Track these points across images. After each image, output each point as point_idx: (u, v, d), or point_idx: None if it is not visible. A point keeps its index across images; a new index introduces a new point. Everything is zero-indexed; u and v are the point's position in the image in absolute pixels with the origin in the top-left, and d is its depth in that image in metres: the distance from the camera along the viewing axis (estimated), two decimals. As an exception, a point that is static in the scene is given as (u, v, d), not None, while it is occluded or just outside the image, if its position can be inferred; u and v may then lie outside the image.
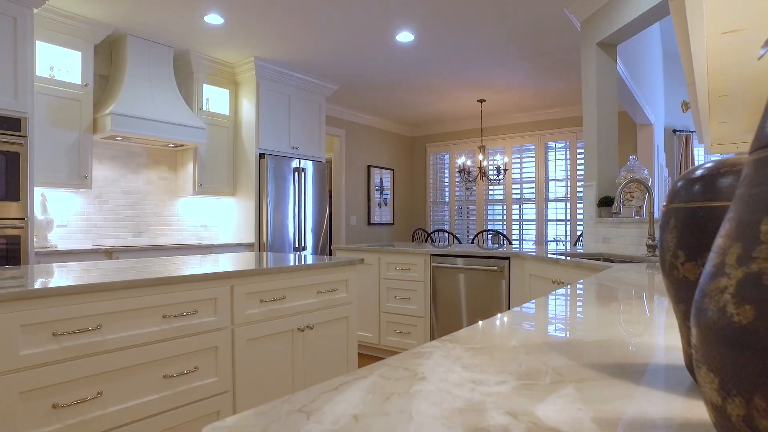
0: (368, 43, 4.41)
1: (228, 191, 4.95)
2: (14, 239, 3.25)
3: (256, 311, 2.08)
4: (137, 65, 4.21)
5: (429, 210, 8.27)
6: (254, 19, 3.91)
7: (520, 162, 7.34)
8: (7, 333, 1.40)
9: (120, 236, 4.41)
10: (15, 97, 3.28)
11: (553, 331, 0.82)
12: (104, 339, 1.60)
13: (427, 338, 3.60)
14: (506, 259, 3.26)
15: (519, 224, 7.33)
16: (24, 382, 1.43)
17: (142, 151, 4.59)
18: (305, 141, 5.37)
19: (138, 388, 1.69)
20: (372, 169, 7.53)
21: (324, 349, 2.44)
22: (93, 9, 3.70)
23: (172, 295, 1.78)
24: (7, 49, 3.25)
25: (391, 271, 3.78)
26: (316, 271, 2.38)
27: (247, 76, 4.91)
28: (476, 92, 6.06)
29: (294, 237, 5.06)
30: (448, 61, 4.92)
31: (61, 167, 3.77)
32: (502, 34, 4.19)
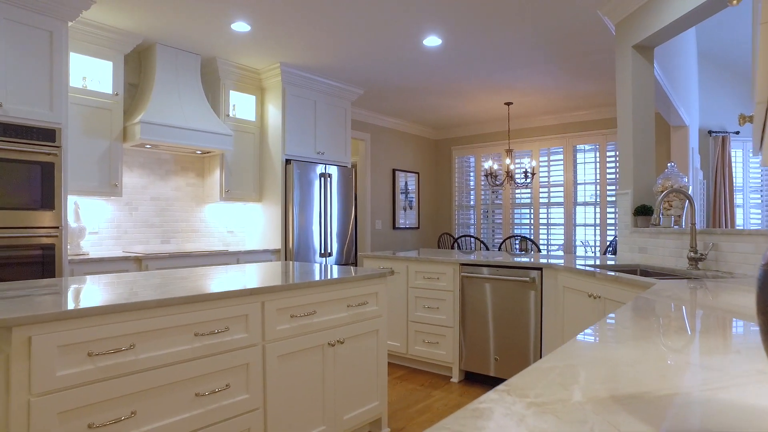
0: (395, 47, 4.37)
1: (254, 197, 4.97)
2: (49, 248, 3.31)
3: (287, 327, 2.06)
4: (166, 73, 4.25)
5: (454, 214, 8.18)
6: (280, 26, 3.90)
7: (547, 165, 7.20)
8: (45, 354, 1.40)
9: (149, 242, 4.46)
10: (50, 109, 3.33)
11: (616, 380, 0.76)
12: (137, 358, 1.59)
13: (455, 349, 3.54)
14: (538, 270, 3.17)
15: (546, 228, 7.19)
16: (61, 402, 1.43)
17: (170, 158, 4.63)
18: (331, 146, 5.35)
19: (171, 407, 1.68)
20: (397, 172, 7.48)
21: (354, 363, 2.40)
22: (124, 19, 3.75)
23: (204, 312, 1.77)
24: (44, 62, 3.31)
25: (419, 279, 3.72)
26: (346, 285, 2.34)
27: (273, 82, 4.92)
28: (503, 95, 5.95)
29: (320, 243, 5.05)
30: (476, 65, 4.84)
31: (93, 176, 3.83)
32: (530, 36, 4.09)
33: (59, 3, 3.32)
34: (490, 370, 3.38)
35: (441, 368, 3.72)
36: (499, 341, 3.34)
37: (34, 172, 3.24)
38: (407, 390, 3.39)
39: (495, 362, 3.35)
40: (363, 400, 2.47)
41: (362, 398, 2.46)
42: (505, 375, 3.32)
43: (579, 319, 2.70)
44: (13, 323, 1.34)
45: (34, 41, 3.28)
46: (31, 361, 1.38)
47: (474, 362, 3.47)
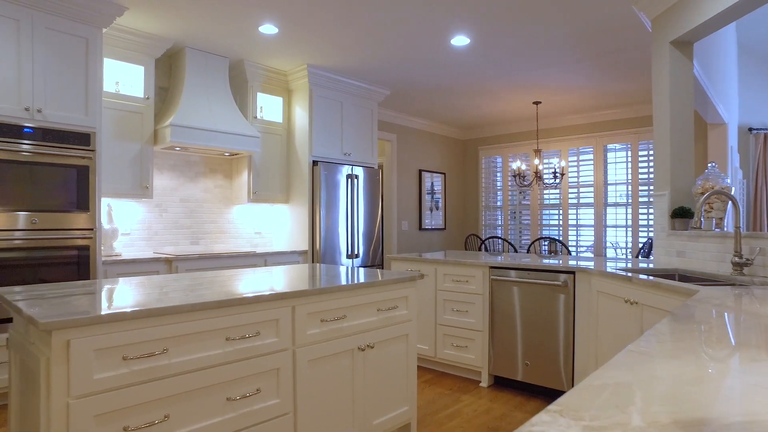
0: (422, 48, 4.33)
1: (282, 198, 4.99)
2: (84, 249, 3.38)
3: (317, 331, 2.05)
4: (195, 76, 4.30)
5: (481, 215, 8.09)
6: (308, 28, 3.91)
7: (576, 165, 7.05)
8: (83, 358, 1.41)
9: (179, 243, 4.53)
10: (85, 114, 3.41)
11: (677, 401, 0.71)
12: (170, 363, 1.60)
13: (485, 353, 3.48)
14: (571, 274, 3.09)
15: (575, 230, 7.04)
16: (98, 405, 1.45)
17: (199, 160, 4.69)
18: (357, 147, 5.35)
19: (203, 411, 1.68)
20: (423, 173, 7.43)
21: (384, 368, 2.38)
22: (155, 24, 3.81)
23: (236, 317, 1.77)
24: (80, 68, 3.39)
25: (447, 282, 3.68)
26: (376, 289, 2.32)
27: (300, 84, 4.94)
28: (532, 94, 5.85)
29: (346, 244, 5.05)
30: (504, 64, 4.76)
31: (125, 178, 3.90)
32: (561, 35, 4.00)
33: (94, 10, 3.39)
34: (520, 375, 3.31)
35: (469, 372, 3.66)
36: (529, 346, 3.27)
37: (70, 176, 3.32)
38: (436, 394, 3.35)
39: (525, 367, 3.28)
40: (392, 405, 2.44)
41: (392, 403, 2.43)
42: (534, 380, 3.25)
43: (614, 325, 2.61)
44: (53, 327, 1.36)
45: (71, 48, 3.35)
46: (69, 365, 1.40)
47: (503, 367, 3.40)
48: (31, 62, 3.19)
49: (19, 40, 3.15)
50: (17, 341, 1.74)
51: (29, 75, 3.18)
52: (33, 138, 3.17)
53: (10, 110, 3.10)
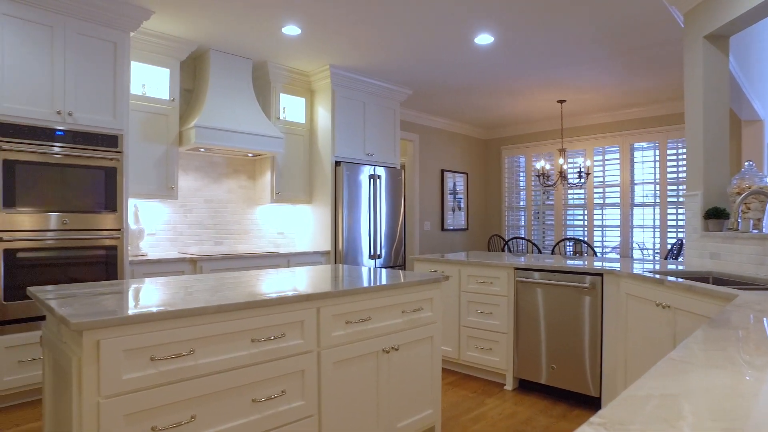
0: (445, 47, 4.29)
1: (304, 199, 5.01)
2: (112, 249, 3.44)
3: (342, 333, 2.03)
4: (219, 78, 4.35)
5: (504, 215, 7.99)
6: (330, 28, 3.91)
7: (602, 164, 6.91)
8: (113, 358, 1.43)
9: (203, 243, 4.58)
10: (113, 116, 3.47)
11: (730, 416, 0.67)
12: (197, 364, 1.60)
13: (510, 356, 3.42)
14: (599, 276, 3.01)
15: (601, 230, 6.90)
16: (128, 405, 1.46)
17: (223, 161, 4.74)
18: (380, 147, 5.33)
19: (228, 413, 1.69)
20: (445, 173, 7.38)
21: (409, 370, 2.35)
22: (180, 27, 3.85)
23: (261, 318, 1.76)
24: (108, 71, 3.45)
25: (471, 284, 3.63)
26: (401, 290, 2.29)
27: (322, 84, 4.94)
28: (556, 93, 5.75)
29: (369, 245, 5.04)
30: (529, 62, 4.68)
31: (151, 179, 3.96)
32: (588, 31, 3.92)
33: (123, 14, 3.45)
34: (546, 378, 3.25)
35: (493, 375, 3.61)
36: (554, 349, 3.21)
37: (98, 177, 3.38)
38: (460, 397, 3.31)
39: (551, 371, 3.22)
40: (417, 407, 2.41)
41: (416, 406, 2.41)
42: (560, 384, 3.18)
43: (645, 329, 2.54)
44: (83, 327, 1.37)
45: (100, 52, 3.42)
46: (99, 365, 1.41)
47: (528, 370, 3.34)
48: (63, 67, 3.26)
49: (52, 46, 3.22)
50: (50, 340, 1.77)
51: (61, 79, 3.25)
52: (64, 140, 3.24)
53: (43, 114, 3.17)
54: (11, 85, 3.07)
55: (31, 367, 3.13)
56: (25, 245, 3.11)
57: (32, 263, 3.13)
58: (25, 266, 3.11)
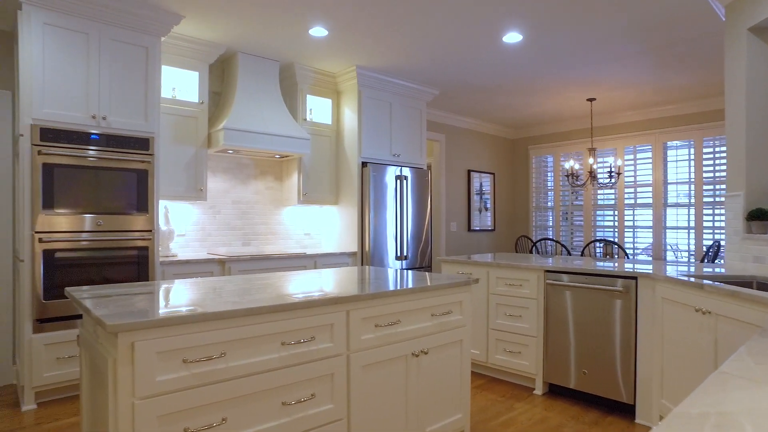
0: (473, 46, 4.24)
1: (331, 200, 5.02)
2: (144, 250, 3.51)
3: (371, 336, 2.02)
4: (247, 80, 4.39)
5: (531, 215, 7.87)
6: (357, 29, 3.90)
7: (633, 164, 6.73)
8: (146, 360, 1.44)
9: (231, 244, 4.63)
10: (145, 119, 3.54)
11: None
12: (228, 366, 1.60)
13: (539, 360, 3.35)
14: (633, 279, 2.92)
15: (632, 231, 6.72)
16: (161, 406, 1.47)
17: (251, 163, 4.78)
18: (406, 148, 5.31)
19: (259, 415, 1.69)
20: (472, 173, 7.31)
21: (438, 374, 2.32)
22: (209, 31, 3.90)
23: (291, 321, 1.76)
24: (140, 76, 3.52)
25: (500, 286, 3.57)
26: (430, 293, 2.27)
27: (348, 85, 4.95)
28: (586, 91, 5.63)
29: (395, 246, 5.02)
30: (558, 60, 4.59)
31: (181, 181, 4.02)
32: (620, 28, 3.81)
33: (154, 20, 3.52)
34: (576, 383, 3.17)
35: (522, 379, 3.55)
36: (585, 353, 3.13)
37: (130, 179, 3.45)
38: (488, 401, 3.26)
39: (582, 376, 3.14)
40: (446, 412, 2.38)
41: (445, 410, 2.38)
42: (591, 390, 3.10)
43: (683, 335, 2.45)
44: (119, 329, 1.39)
45: (133, 57, 3.49)
46: (134, 366, 1.42)
47: (558, 374, 3.27)
48: (98, 72, 3.33)
49: (88, 53, 3.30)
50: (87, 339, 1.81)
51: (96, 84, 3.32)
52: (98, 144, 3.32)
53: (79, 118, 3.25)
54: (51, 91, 3.16)
55: (68, 364, 3.22)
56: (63, 246, 3.19)
57: (69, 263, 3.21)
58: (62, 266, 3.19)
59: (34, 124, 3.10)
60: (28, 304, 3.10)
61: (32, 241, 3.09)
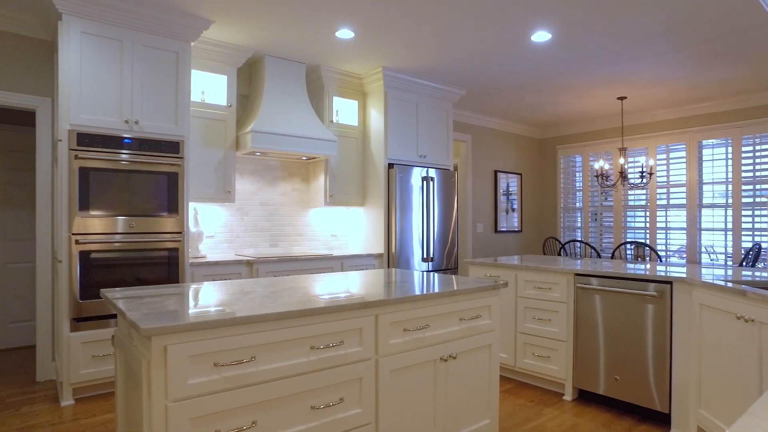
0: (500, 46, 4.18)
1: (357, 201, 5.03)
2: (174, 251, 3.57)
3: (400, 341, 2.01)
4: (274, 83, 4.43)
5: (559, 216, 7.73)
6: (383, 30, 3.89)
7: (666, 163, 6.54)
8: (179, 363, 1.46)
9: (258, 246, 4.68)
10: (175, 123, 3.61)
11: None
12: (258, 370, 1.62)
13: (569, 365, 3.29)
14: (667, 284, 2.84)
15: (664, 233, 6.53)
16: (193, 409, 1.49)
17: (278, 165, 4.83)
18: (433, 149, 5.28)
19: (288, 419, 1.69)
20: (499, 174, 7.23)
21: (466, 379, 2.30)
22: (237, 35, 3.95)
23: (320, 326, 1.76)
24: (170, 80, 3.59)
25: (529, 289, 3.52)
26: (459, 297, 2.24)
27: (375, 87, 4.95)
28: (616, 89, 5.49)
29: (422, 247, 5.00)
30: (588, 59, 4.49)
31: (210, 183, 4.08)
32: (653, 24, 3.70)
33: (184, 25, 3.58)
34: (606, 389, 3.10)
35: (551, 384, 3.49)
36: (616, 359, 3.05)
37: (161, 182, 3.52)
38: (516, 406, 3.22)
39: (614, 382, 3.06)
40: (474, 417, 2.35)
41: (473, 416, 2.35)
42: (623, 396, 3.02)
43: (724, 344, 2.36)
44: (152, 333, 1.41)
45: (164, 62, 3.56)
46: (167, 369, 1.45)
47: (588, 380, 3.20)
48: (131, 78, 3.42)
49: (122, 59, 3.39)
50: (121, 341, 1.85)
51: (129, 90, 3.41)
52: (131, 148, 3.40)
53: (113, 123, 3.34)
54: (87, 97, 3.25)
55: (103, 362, 3.30)
56: (97, 247, 3.28)
57: (103, 264, 3.30)
58: (97, 267, 3.28)
59: (71, 129, 3.19)
60: (65, 304, 3.20)
61: (69, 243, 3.18)
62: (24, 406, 3.18)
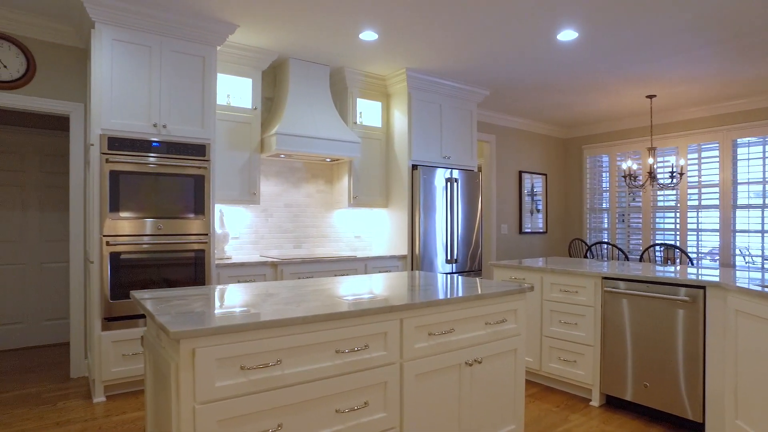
0: (525, 45, 4.13)
1: (381, 203, 5.03)
2: (200, 252, 3.63)
3: (425, 345, 1.99)
4: (298, 85, 4.46)
5: (585, 217, 7.59)
6: (407, 32, 3.88)
7: (697, 163, 6.35)
8: (206, 366, 1.48)
9: (283, 247, 4.72)
10: (202, 126, 3.67)
11: None
12: (284, 374, 1.63)
13: (596, 370, 3.22)
14: (700, 288, 2.75)
15: (696, 234, 6.35)
16: (220, 411, 1.51)
17: (302, 166, 4.86)
18: (456, 150, 5.24)
19: (313, 422, 1.70)
20: (523, 174, 7.14)
21: (491, 384, 2.27)
22: (262, 39, 4.00)
23: (345, 330, 1.77)
24: (197, 84, 3.65)
25: (554, 292, 3.46)
26: (485, 302, 2.22)
27: (398, 88, 4.94)
28: (645, 87, 5.36)
29: (445, 249, 4.97)
30: (616, 57, 4.40)
31: (235, 185, 4.13)
32: (684, 19, 3.60)
33: (210, 30, 3.64)
34: (634, 395, 3.02)
35: (578, 389, 3.42)
36: (646, 365, 2.97)
37: (188, 185, 3.58)
38: (542, 411, 3.17)
39: (643, 389, 2.99)
40: (499, 422, 2.32)
41: (498, 421, 2.32)
42: (652, 404, 2.94)
43: (762, 353, 2.28)
44: (180, 336, 1.43)
45: (190, 67, 3.62)
46: (195, 372, 1.47)
47: (616, 386, 3.13)
48: (159, 83, 3.49)
49: (150, 65, 3.46)
50: (150, 342, 1.88)
51: (157, 94, 3.48)
52: (159, 151, 3.47)
53: (142, 127, 3.42)
54: (118, 102, 3.34)
55: (132, 360, 3.38)
56: (127, 249, 3.35)
57: (132, 265, 3.38)
58: (126, 268, 3.35)
59: (102, 133, 3.27)
60: (97, 304, 3.28)
61: (101, 244, 3.27)
62: (60, 402, 3.28)
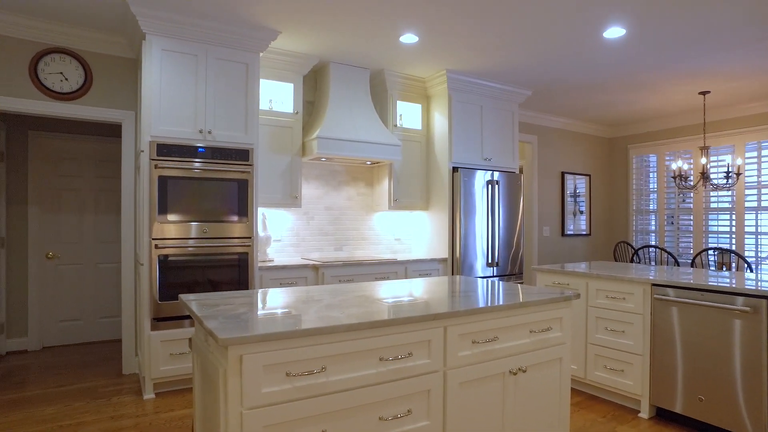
0: (569, 44, 4.02)
1: (421, 205, 5.01)
2: (244, 255, 3.72)
3: (468, 353, 1.97)
4: (338, 89, 4.50)
5: (631, 219, 7.33)
6: (447, 33, 3.85)
7: (757, 161, 6.02)
8: (253, 372, 1.51)
9: (323, 249, 4.77)
10: (245, 132, 3.75)
11: None
12: (328, 381, 1.64)
13: (645, 381, 3.10)
14: (763, 298, 2.60)
15: (755, 238, 6.02)
16: (267, 417, 1.53)
17: (343, 170, 4.90)
18: (497, 151, 5.16)
19: (356, 429, 1.71)
20: (566, 175, 6.96)
21: (535, 393, 2.22)
22: (304, 44, 4.05)
23: (389, 337, 1.76)
24: (240, 90, 3.74)
25: (600, 298, 3.35)
26: (529, 309, 2.17)
27: (438, 90, 4.91)
28: (697, 83, 5.13)
29: (486, 252, 4.90)
30: (665, 53, 4.22)
31: (277, 189, 4.21)
32: (741, 11, 3.42)
33: (253, 37, 3.72)
34: (687, 409, 2.88)
35: (624, 399, 3.30)
36: (699, 378, 2.83)
37: (232, 189, 3.67)
38: (587, 421, 3.07)
39: (698, 402, 2.85)
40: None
41: (543, 431, 2.26)
42: (707, 419, 2.80)
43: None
44: (229, 343, 1.47)
45: (234, 74, 3.72)
46: (242, 378, 1.50)
47: (666, 397, 3.00)
48: (204, 90, 3.59)
49: (196, 73, 3.57)
50: (198, 345, 1.94)
51: (203, 101, 3.58)
52: (204, 156, 3.57)
53: (188, 133, 3.53)
54: (166, 109, 3.46)
55: (180, 360, 3.49)
56: (174, 252, 3.47)
57: (179, 267, 3.49)
58: (174, 270, 3.47)
59: (152, 140, 3.40)
60: (146, 304, 3.41)
61: (150, 247, 3.39)
62: (114, 397, 3.43)
